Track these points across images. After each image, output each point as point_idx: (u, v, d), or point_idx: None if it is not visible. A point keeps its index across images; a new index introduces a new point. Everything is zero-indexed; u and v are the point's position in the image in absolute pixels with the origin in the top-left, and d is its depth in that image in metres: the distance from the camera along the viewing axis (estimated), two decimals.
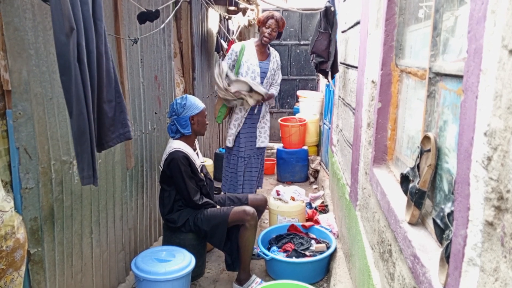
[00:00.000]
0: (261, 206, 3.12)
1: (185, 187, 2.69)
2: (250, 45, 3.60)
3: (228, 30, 5.14)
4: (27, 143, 1.67)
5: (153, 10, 2.37)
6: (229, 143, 3.68)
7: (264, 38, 3.55)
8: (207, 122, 2.91)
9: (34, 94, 1.70)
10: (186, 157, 2.71)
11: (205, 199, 2.81)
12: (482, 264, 0.84)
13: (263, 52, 3.63)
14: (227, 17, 5.19)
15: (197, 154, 2.93)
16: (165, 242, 2.87)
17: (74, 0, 1.37)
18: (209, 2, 4.55)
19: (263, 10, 6.91)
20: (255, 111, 3.67)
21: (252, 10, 6.19)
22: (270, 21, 3.52)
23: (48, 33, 1.75)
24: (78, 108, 1.42)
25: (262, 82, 3.61)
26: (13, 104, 1.59)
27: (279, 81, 3.81)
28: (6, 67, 1.54)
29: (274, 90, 3.77)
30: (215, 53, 5.10)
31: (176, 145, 2.74)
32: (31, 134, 1.69)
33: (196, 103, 2.81)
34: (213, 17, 4.98)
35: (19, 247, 1.58)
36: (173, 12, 3.06)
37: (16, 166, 1.63)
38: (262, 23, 3.56)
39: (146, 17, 2.36)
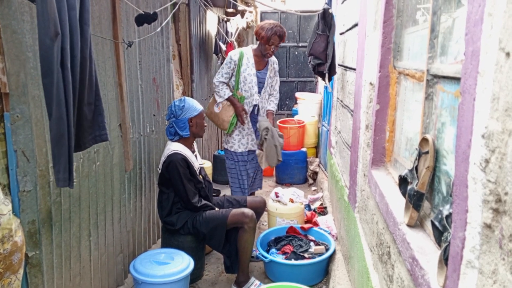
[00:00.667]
0: (260, 208, 3.11)
1: (183, 189, 2.68)
2: (248, 53, 3.49)
3: (227, 32, 5.15)
4: (25, 146, 1.67)
5: (151, 13, 2.38)
6: (239, 148, 3.59)
7: (268, 55, 3.48)
8: (205, 124, 2.91)
9: (32, 96, 1.70)
10: (185, 159, 2.70)
11: (204, 201, 2.80)
12: (480, 267, 0.84)
13: (261, 61, 3.54)
14: (225, 19, 5.19)
15: (195, 156, 2.93)
16: (164, 245, 2.86)
17: (61, 4, 1.37)
18: (207, 4, 4.56)
19: (262, 12, 6.93)
20: (255, 112, 3.63)
21: (251, 12, 6.21)
22: (274, 39, 3.39)
23: None
24: (58, 112, 1.43)
25: (259, 92, 3.54)
26: (11, 107, 1.59)
27: (277, 87, 3.74)
28: (4, 69, 1.54)
29: (274, 104, 3.72)
30: (214, 55, 5.10)
31: (175, 147, 2.74)
32: (29, 136, 1.69)
33: (195, 105, 2.81)
34: (212, 19, 4.98)
35: (16, 250, 1.57)
36: (171, 14, 3.06)
37: (14, 169, 1.63)
38: (266, 40, 3.40)
39: (144, 19, 2.37)
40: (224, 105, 3.48)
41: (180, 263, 2.45)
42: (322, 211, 3.99)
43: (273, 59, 3.69)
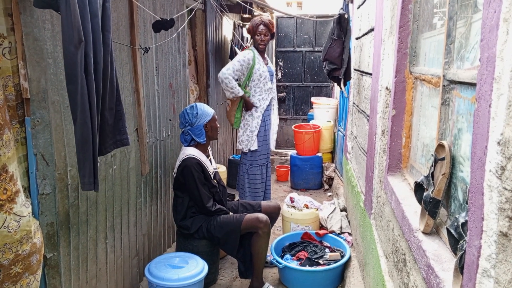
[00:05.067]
0: (274, 214, 3.11)
1: (198, 194, 2.70)
2: (255, 52, 3.70)
3: (242, 38, 5.18)
4: (45, 150, 1.71)
5: (168, 19, 2.41)
6: (252, 146, 3.69)
7: (260, 46, 3.67)
8: (218, 125, 2.94)
9: (52, 102, 1.74)
10: (199, 164, 2.72)
11: (218, 206, 2.81)
12: (496, 276, 0.83)
13: (263, 56, 3.77)
14: (241, 24, 5.23)
15: (210, 160, 2.94)
16: (179, 249, 2.88)
17: (85, 12, 1.41)
18: (223, 10, 4.60)
19: (277, 18, 6.95)
20: (269, 111, 3.78)
21: None
22: (260, 28, 3.63)
23: None
24: (83, 117, 1.46)
25: (272, 83, 3.80)
26: (31, 112, 1.63)
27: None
28: (26, 76, 1.59)
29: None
30: (229, 60, 5.14)
31: (190, 152, 2.76)
32: (48, 141, 1.73)
33: (207, 109, 2.84)
34: (227, 25, 5.03)
35: (35, 251, 1.61)
36: (187, 20, 3.10)
37: (33, 172, 1.67)
38: (253, 32, 3.68)
39: (161, 26, 2.41)
40: (232, 101, 3.68)
41: (195, 267, 2.46)
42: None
43: (266, 56, 3.92)
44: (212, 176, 2.85)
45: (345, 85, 3.61)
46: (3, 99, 1.46)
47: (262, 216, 2.75)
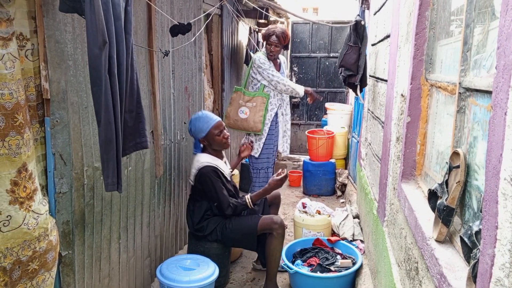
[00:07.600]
0: (277, 199, 3.24)
1: (217, 199, 2.73)
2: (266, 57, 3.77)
3: (258, 43, 5.21)
4: (63, 150, 1.75)
5: (185, 23, 2.45)
6: (259, 152, 3.72)
7: (269, 56, 3.73)
8: (225, 135, 2.85)
9: (71, 103, 1.78)
10: (215, 170, 2.75)
11: (235, 204, 2.78)
12: (510, 285, 0.82)
13: (275, 64, 3.81)
14: (257, 30, 5.26)
15: (225, 162, 2.97)
16: (190, 251, 2.90)
17: (108, 15, 1.44)
18: (239, 15, 4.64)
19: (293, 23, 6.97)
20: (277, 116, 3.79)
21: (282, 23, 6.26)
22: (272, 38, 3.68)
23: (86, 45, 1.83)
24: (107, 118, 1.49)
25: None
26: (51, 112, 1.68)
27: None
28: (47, 77, 1.63)
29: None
30: (244, 65, 5.17)
31: (204, 159, 2.78)
32: (67, 141, 1.77)
33: (201, 126, 2.79)
34: (243, 29, 5.06)
35: (51, 249, 1.65)
36: (204, 25, 3.14)
37: (51, 171, 1.71)
38: (265, 40, 3.76)
39: (178, 30, 2.44)
40: (251, 108, 3.64)
41: (206, 270, 2.48)
42: None
43: (283, 58, 3.96)
44: (228, 178, 2.89)
45: (361, 91, 3.60)
46: (25, 99, 1.51)
47: (276, 217, 2.77)
